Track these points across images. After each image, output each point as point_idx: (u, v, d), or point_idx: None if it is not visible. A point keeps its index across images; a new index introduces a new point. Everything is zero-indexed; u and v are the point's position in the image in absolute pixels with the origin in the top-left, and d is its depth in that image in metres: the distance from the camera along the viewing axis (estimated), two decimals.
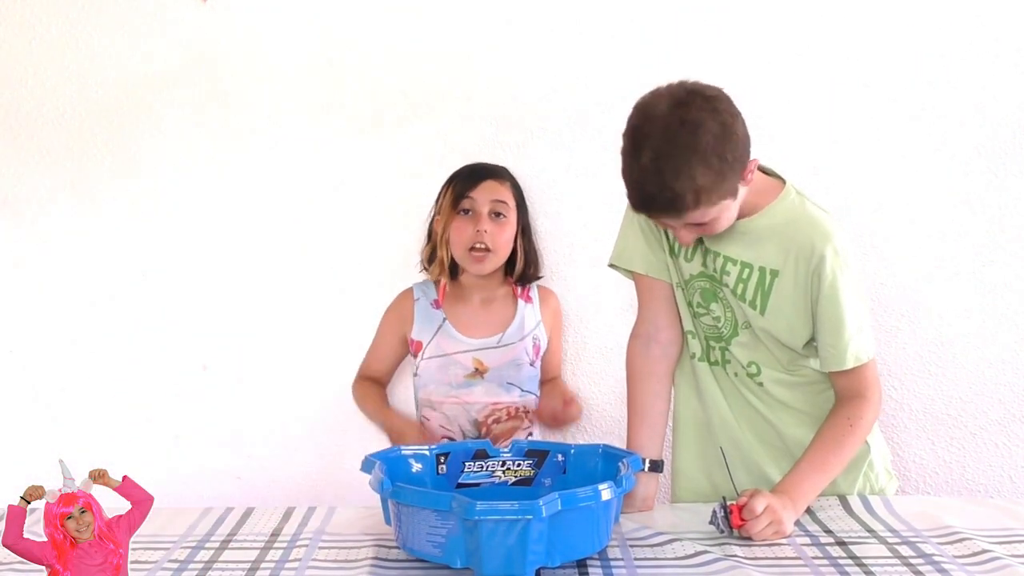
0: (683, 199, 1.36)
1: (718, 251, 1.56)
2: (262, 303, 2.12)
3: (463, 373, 1.88)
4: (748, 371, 1.62)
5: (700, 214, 1.40)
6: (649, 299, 1.67)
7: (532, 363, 1.91)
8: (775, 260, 1.52)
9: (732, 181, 1.40)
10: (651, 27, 2.03)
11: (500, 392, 1.88)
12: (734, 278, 1.55)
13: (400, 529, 1.31)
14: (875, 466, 1.64)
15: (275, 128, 2.11)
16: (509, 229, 1.89)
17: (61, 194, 2.13)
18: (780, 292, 1.53)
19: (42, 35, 2.12)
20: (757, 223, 1.53)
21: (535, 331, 1.92)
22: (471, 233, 1.85)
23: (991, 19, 1.98)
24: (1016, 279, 2.02)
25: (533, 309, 1.94)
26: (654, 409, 1.66)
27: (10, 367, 2.16)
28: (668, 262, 1.64)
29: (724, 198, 1.41)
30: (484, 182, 1.88)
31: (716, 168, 1.36)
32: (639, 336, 1.68)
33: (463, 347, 1.88)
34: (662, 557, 1.34)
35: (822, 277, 1.49)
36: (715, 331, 1.62)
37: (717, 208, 1.41)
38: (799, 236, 1.51)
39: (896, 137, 2.02)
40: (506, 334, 1.89)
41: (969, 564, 1.29)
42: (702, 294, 1.61)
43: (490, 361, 1.87)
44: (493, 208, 1.87)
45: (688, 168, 1.34)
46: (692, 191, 1.36)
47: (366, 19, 2.08)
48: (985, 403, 2.06)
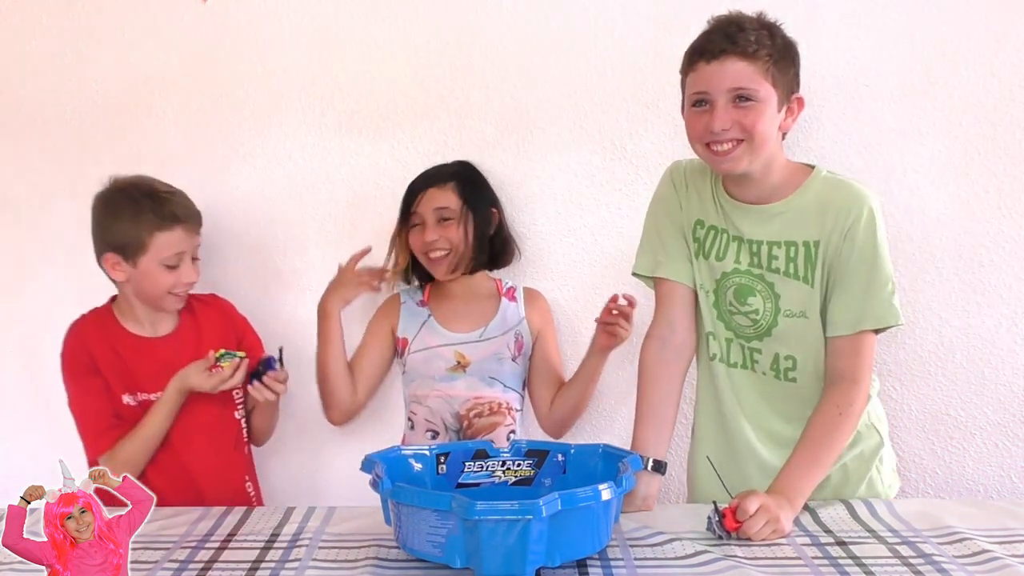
0: (747, 35, 1.46)
1: (760, 240, 1.57)
2: (261, 302, 2.12)
3: (445, 366, 1.92)
4: (784, 365, 1.61)
5: (751, 74, 1.47)
6: (668, 302, 1.69)
7: (514, 359, 1.93)
8: (815, 232, 1.54)
9: (787, 78, 1.50)
10: (651, 27, 2.03)
11: (482, 386, 1.91)
12: (783, 260, 1.56)
13: (400, 529, 1.31)
14: (885, 461, 1.65)
15: (275, 128, 2.11)
16: (458, 228, 1.92)
17: (61, 194, 2.13)
18: (824, 259, 1.54)
19: (42, 35, 2.12)
20: (794, 202, 1.56)
21: (518, 327, 1.95)
22: (422, 243, 1.92)
23: (992, 19, 1.98)
24: (1016, 279, 2.02)
25: (516, 307, 1.98)
26: (663, 410, 1.66)
27: (10, 367, 2.16)
28: (693, 265, 1.65)
29: (775, 85, 1.48)
30: (425, 192, 1.94)
31: (782, 50, 1.49)
32: (654, 338, 1.69)
33: (445, 340, 1.93)
34: (662, 557, 1.34)
35: (855, 235, 1.52)
36: (751, 327, 1.62)
37: (764, 87, 1.48)
38: (835, 201, 1.54)
39: (896, 137, 2.02)
40: (487, 328, 1.93)
41: (969, 564, 1.29)
42: (736, 291, 1.61)
43: (472, 355, 1.91)
44: (437, 215, 1.92)
45: (762, 28, 1.49)
46: (758, 38, 1.47)
47: (366, 19, 2.08)
48: (985, 403, 2.06)
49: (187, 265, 1.79)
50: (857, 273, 1.52)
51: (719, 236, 1.62)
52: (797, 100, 1.54)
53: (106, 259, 1.77)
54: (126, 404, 1.78)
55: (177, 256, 1.77)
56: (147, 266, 1.75)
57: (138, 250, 1.74)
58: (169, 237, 1.75)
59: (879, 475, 1.64)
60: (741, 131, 1.49)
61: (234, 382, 1.76)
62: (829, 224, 1.53)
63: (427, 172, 1.98)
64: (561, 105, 2.06)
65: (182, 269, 1.78)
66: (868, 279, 1.52)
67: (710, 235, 1.63)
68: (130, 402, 1.78)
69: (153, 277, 1.76)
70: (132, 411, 1.78)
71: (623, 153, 2.04)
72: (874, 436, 1.63)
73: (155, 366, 1.79)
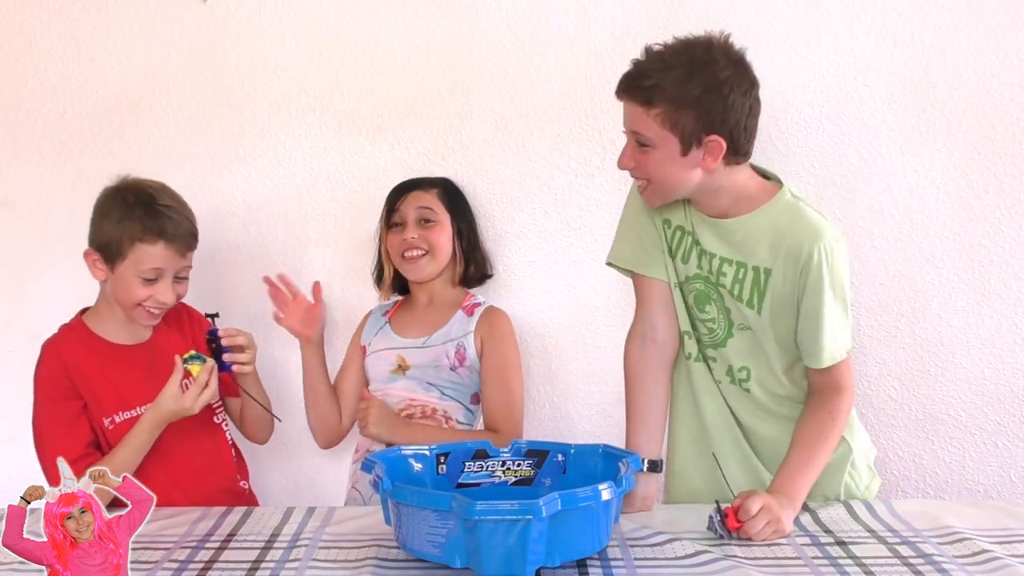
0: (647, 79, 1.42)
1: (713, 252, 1.56)
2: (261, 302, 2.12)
3: (388, 368, 1.94)
4: (738, 376, 1.62)
5: (646, 120, 1.43)
6: (646, 298, 1.68)
7: (453, 368, 1.91)
8: (767, 259, 1.53)
9: (691, 122, 1.43)
10: (650, 27, 2.03)
11: (419, 390, 1.92)
12: (730, 279, 1.56)
13: (400, 529, 1.31)
14: (857, 464, 1.64)
15: (275, 128, 2.11)
16: (441, 231, 1.94)
17: (61, 194, 2.13)
18: (773, 291, 1.53)
19: (42, 35, 2.12)
20: (750, 222, 1.53)
21: (462, 339, 1.92)
22: (400, 242, 1.93)
23: (992, 19, 1.98)
24: (1015, 279, 2.02)
25: (469, 320, 1.94)
26: (651, 409, 1.66)
27: (10, 367, 2.16)
28: (667, 262, 1.64)
29: (672, 131, 1.43)
30: (409, 194, 1.96)
31: (691, 93, 1.42)
32: (635, 336, 1.69)
33: (392, 344, 1.96)
34: (662, 557, 1.34)
35: (808, 274, 1.49)
36: (708, 335, 1.62)
37: (660, 135, 1.44)
38: (790, 235, 1.51)
39: (896, 137, 2.02)
40: (432, 336, 1.94)
41: (969, 564, 1.29)
42: (696, 296, 1.61)
43: (412, 360, 1.93)
44: (419, 215, 1.93)
45: (676, 67, 1.42)
46: (659, 82, 1.42)
47: (366, 19, 2.08)
48: (984, 403, 2.06)
49: (165, 284, 1.71)
50: (809, 314, 1.51)
51: (684, 238, 1.61)
52: (714, 142, 1.44)
53: (88, 254, 1.73)
54: (107, 427, 1.72)
55: (155, 271, 1.69)
56: (123, 274, 1.70)
57: (116, 255, 1.69)
58: (149, 251, 1.68)
59: (853, 480, 1.64)
60: (644, 174, 1.51)
61: (212, 390, 1.68)
62: (782, 255, 1.51)
63: (406, 180, 2.01)
64: (561, 105, 2.07)
65: (159, 286, 1.70)
66: (832, 316, 1.50)
67: (677, 235, 1.62)
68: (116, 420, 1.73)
69: (127, 286, 1.70)
70: (117, 429, 1.72)
71: None
72: (841, 445, 1.60)
73: (138, 373, 1.74)
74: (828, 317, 1.50)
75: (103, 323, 1.78)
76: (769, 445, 1.61)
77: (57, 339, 1.77)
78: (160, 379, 1.69)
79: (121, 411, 1.73)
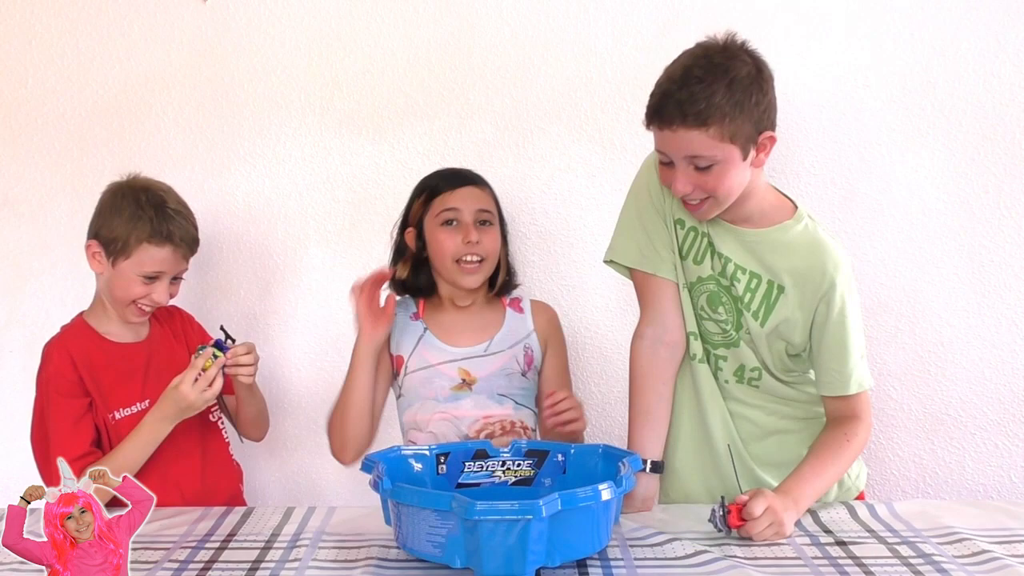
0: (696, 103, 1.39)
1: (729, 257, 1.56)
2: (261, 302, 2.12)
3: (449, 385, 1.71)
4: (749, 376, 1.62)
5: (705, 141, 1.41)
6: (656, 299, 1.64)
7: (524, 373, 1.75)
8: (783, 277, 1.53)
9: (747, 127, 1.42)
10: (651, 27, 2.03)
11: (491, 404, 1.71)
12: (743, 286, 1.56)
13: (400, 529, 1.31)
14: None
15: (275, 128, 2.11)
16: (496, 236, 1.75)
17: (61, 194, 2.13)
18: (781, 309, 1.53)
19: (42, 35, 2.12)
20: (770, 236, 1.54)
21: (527, 339, 1.77)
22: (458, 244, 1.69)
23: (992, 19, 1.98)
24: (1015, 279, 2.02)
25: (524, 318, 1.79)
26: (658, 411, 1.64)
27: (10, 367, 2.16)
28: (677, 263, 1.63)
29: (733, 142, 1.42)
30: (462, 188, 1.73)
31: (738, 99, 1.40)
32: (645, 337, 1.64)
33: (448, 356, 1.72)
34: (662, 557, 1.34)
35: (831, 304, 1.50)
36: (720, 335, 1.62)
37: (722, 150, 1.42)
38: (811, 260, 1.52)
39: (896, 137, 2.02)
40: (494, 341, 1.74)
41: (969, 564, 1.29)
42: (708, 298, 1.60)
43: (478, 371, 1.71)
44: (478, 217, 1.72)
45: (713, 80, 1.39)
46: (707, 101, 1.39)
47: (366, 19, 2.08)
48: (984, 403, 2.06)
49: (162, 284, 1.75)
50: (835, 344, 1.53)
51: (698, 239, 1.59)
52: (768, 138, 1.46)
53: (90, 246, 1.75)
54: (110, 422, 1.72)
55: (156, 273, 1.73)
56: (124, 271, 1.72)
57: (122, 252, 1.71)
58: (156, 253, 1.72)
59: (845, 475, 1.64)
60: (704, 192, 1.48)
61: (218, 385, 1.67)
62: (800, 282, 1.52)
63: (453, 170, 1.81)
64: (561, 105, 2.07)
65: (156, 286, 1.74)
66: (844, 349, 1.53)
67: (689, 236, 1.60)
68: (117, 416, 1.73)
69: (126, 283, 1.73)
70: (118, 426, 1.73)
71: (623, 153, 2.04)
72: None
73: (138, 371, 1.76)
74: (854, 345, 1.53)
75: (103, 322, 1.79)
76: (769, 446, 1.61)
77: (64, 337, 1.78)
78: (157, 376, 1.73)
79: (122, 407, 1.75)
